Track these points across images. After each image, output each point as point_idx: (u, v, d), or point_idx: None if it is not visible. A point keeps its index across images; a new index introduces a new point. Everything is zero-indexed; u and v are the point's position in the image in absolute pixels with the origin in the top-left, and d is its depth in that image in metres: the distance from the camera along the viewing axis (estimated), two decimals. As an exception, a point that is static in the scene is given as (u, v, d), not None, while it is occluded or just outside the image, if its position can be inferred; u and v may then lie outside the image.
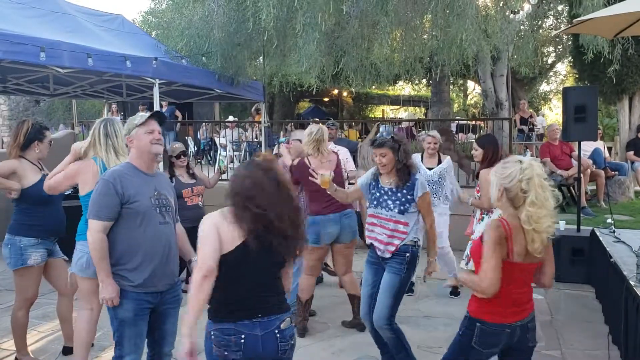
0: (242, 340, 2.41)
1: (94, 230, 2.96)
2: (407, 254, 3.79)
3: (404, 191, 3.79)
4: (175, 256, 3.20)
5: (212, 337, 2.44)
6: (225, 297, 2.45)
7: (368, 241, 3.96)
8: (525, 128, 11.74)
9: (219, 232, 2.43)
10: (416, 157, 6.03)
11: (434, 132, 6.02)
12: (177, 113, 14.11)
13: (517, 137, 12.46)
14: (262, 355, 2.44)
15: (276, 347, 2.47)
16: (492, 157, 4.77)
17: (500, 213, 2.84)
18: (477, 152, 4.91)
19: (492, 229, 2.60)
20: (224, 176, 6.44)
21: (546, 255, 2.70)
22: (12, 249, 4.06)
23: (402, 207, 3.77)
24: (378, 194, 3.86)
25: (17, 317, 4.21)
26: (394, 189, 3.82)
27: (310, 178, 4.08)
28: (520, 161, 2.61)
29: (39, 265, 4.12)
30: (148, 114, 3.17)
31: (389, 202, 3.80)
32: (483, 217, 4.93)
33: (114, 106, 14.58)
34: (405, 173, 3.80)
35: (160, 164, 5.52)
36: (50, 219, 4.16)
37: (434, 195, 5.49)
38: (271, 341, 2.45)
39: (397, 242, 3.78)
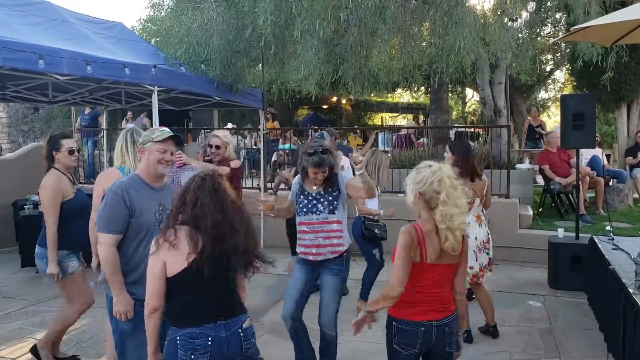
0: (209, 343, 2.51)
1: (105, 245, 2.97)
2: (345, 254, 4.02)
3: (330, 190, 3.95)
4: None
5: (178, 342, 2.51)
6: (186, 306, 2.56)
7: (298, 249, 4.02)
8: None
9: (163, 262, 2.53)
10: None
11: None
12: (101, 119, 13.04)
13: (526, 144, 12.50)
14: (228, 355, 2.56)
15: (240, 345, 2.60)
16: (463, 167, 4.68)
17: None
18: (448, 156, 4.82)
19: (404, 234, 2.73)
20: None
21: (461, 255, 2.82)
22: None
23: (331, 207, 3.92)
24: (306, 201, 3.96)
25: (71, 317, 4.27)
26: (322, 192, 3.94)
27: (256, 204, 4.12)
28: (430, 165, 2.77)
29: (79, 271, 4.17)
30: (168, 132, 3.17)
31: (319, 205, 3.92)
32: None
33: (129, 114, 14.44)
34: (332, 178, 3.94)
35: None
36: (81, 232, 4.15)
37: None
38: (236, 341, 2.58)
39: (336, 241, 3.92)
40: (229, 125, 16.33)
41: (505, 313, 5.48)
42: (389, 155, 11.03)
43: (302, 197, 4.00)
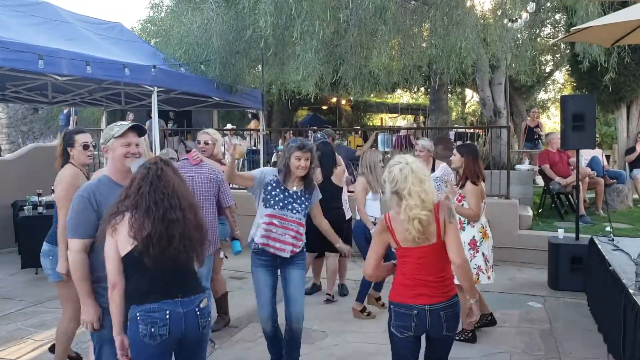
0: (167, 316, 2.62)
1: (73, 250, 2.85)
2: (304, 250, 4.12)
3: (307, 195, 4.03)
4: None
5: (138, 317, 2.61)
6: (144, 283, 2.65)
7: (260, 239, 3.92)
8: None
9: (115, 243, 2.65)
10: None
11: (423, 141, 6.05)
12: (73, 118, 12.76)
13: (525, 145, 12.51)
14: (185, 331, 2.67)
15: (197, 323, 2.71)
16: (473, 169, 4.78)
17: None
18: (455, 158, 4.89)
19: (378, 222, 3.08)
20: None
21: (446, 239, 2.92)
22: (54, 260, 3.89)
23: (306, 211, 4.03)
24: (282, 196, 3.94)
25: (69, 329, 4.07)
26: (299, 193, 3.99)
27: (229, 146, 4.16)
28: (399, 162, 2.98)
29: None
30: (127, 124, 3.04)
31: (295, 205, 3.95)
32: (464, 227, 4.84)
33: (131, 115, 14.37)
34: (310, 179, 4.04)
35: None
36: None
37: None
38: (192, 318, 2.69)
39: (299, 243, 3.99)
40: (229, 125, 16.33)
41: (506, 314, 5.48)
42: (388, 155, 11.01)
43: (278, 190, 3.96)
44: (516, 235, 7.72)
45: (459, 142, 12.62)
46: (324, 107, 24.95)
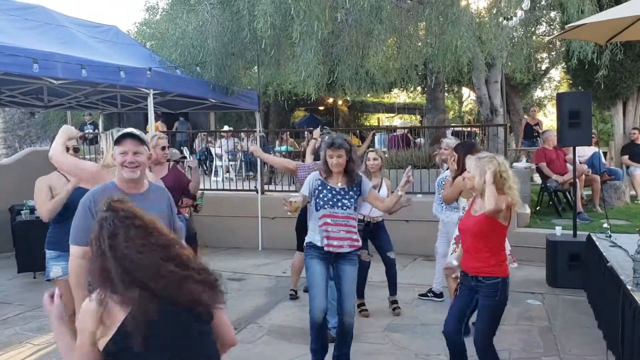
0: None
1: (73, 256, 2.88)
2: (360, 248, 4.25)
3: (355, 189, 4.11)
4: None
5: None
6: None
7: (324, 241, 4.01)
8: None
9: (97, 319, 1.88)
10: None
11: (448, 140, 5.78)
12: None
13: (523, 143, 12.51)
14: None
15: None
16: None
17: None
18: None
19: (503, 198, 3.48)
20: (219, 185, 6.40)
21: None
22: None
23: (355, 205, 4.13)
24: (330, 195, 4.05)
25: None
26: (346, 189, 4.07)
27: (283, 205, 4.02)
28: (494, 157, 3.55)
29: (63, 279, 3.71)
30: (123, 130, 2.91)
31: (344, 200, 4.05)
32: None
33: (159, 123, 13.78)
34: (354, 173, 4.11)
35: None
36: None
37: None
38: None
39: (354, 236, 4.11)
40: (226, 127, 16.33)
41: (504, 312, 5.47)
42: (386, 155, 10.99)
43: (325, 191, 4.07)
44: (514, 233, 7.70)
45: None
46: (321, 108, 24.95)
